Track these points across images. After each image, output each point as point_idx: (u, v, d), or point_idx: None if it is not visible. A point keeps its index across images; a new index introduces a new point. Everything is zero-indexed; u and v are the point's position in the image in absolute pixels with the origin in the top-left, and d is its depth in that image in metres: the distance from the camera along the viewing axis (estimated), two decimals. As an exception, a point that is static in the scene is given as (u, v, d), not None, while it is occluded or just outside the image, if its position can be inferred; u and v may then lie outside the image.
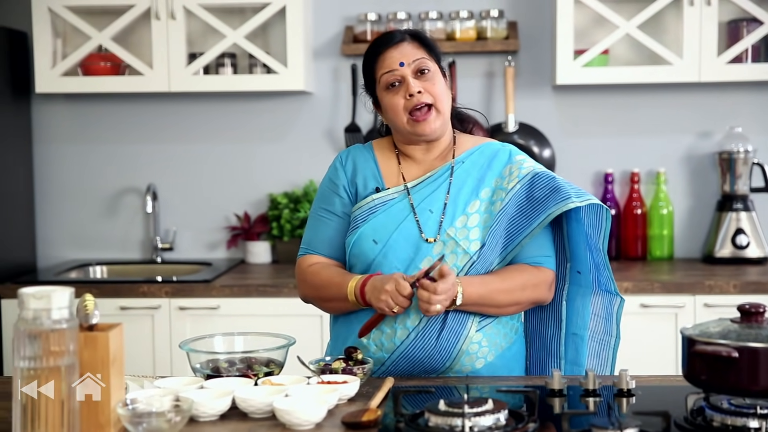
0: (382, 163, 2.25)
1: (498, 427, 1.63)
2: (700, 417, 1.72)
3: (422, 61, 2.16)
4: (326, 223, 2.24)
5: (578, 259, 2.24)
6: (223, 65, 3.93)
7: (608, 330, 2.26)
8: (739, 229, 3.82)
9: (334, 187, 2.25)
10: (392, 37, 2.19)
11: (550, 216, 2.12)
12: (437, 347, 2.12)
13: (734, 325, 1.73)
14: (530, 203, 2.15)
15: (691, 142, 4.01)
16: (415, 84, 2.14)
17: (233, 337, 2.12)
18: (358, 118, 4.01)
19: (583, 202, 2.14)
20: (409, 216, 2.16)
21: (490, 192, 2.18)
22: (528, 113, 4.00)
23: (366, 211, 2.18)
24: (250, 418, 1.77)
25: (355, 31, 3.98)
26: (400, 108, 2.16)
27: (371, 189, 2.21)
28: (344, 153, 2.29)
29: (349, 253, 2.18)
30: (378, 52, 2.18)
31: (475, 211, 2.16)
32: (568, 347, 2.26)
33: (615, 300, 2.25)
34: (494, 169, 2.21)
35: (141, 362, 3.47)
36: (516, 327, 2.24)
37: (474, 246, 2.13)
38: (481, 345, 2.15)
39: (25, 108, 4.06)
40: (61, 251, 4.15)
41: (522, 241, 2.15)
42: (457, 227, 2.14)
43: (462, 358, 2.13)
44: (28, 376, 1.53)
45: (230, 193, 4.12)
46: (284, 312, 3.47)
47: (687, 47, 3.68)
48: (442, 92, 2.18)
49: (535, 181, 2.17)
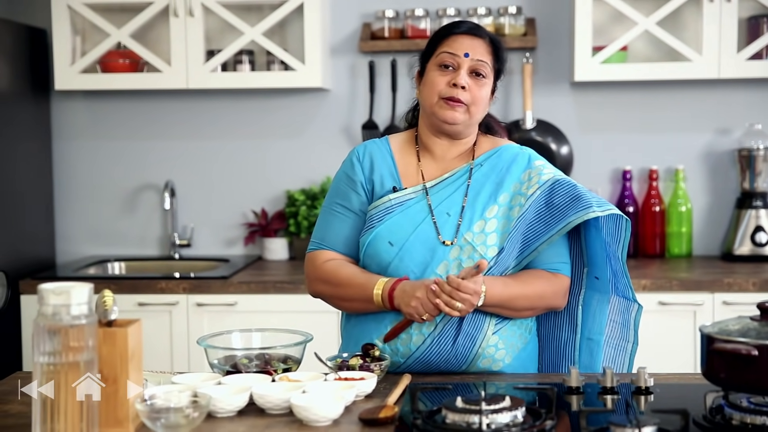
0: (399, 161, 2.22)
1: (515, 424, 1.63)
2: (719, 415, 1.71)
3: (484, 65, 2.14)
4: (342, 220, 2.21)
5: (596, 266, 2.23)
6: (241, 62, 3.94)
7: (625, 336, 2.24)
8: (758, 226, 3.80)
9: (352, 184, 2.21)
10: (472, 27, 2.17)
11: (570, 224, 2.11)
12: (453, 351, 2.11)
13: (754, 323, 1.72)
14: (549, 210, 2.14)
15: (710, 139, 3.98)
16: (465, 78, 2.13)
17: (251, 333, 2.13)
18: (376, 115, 4.01)
19: (605, 212, 2.12)
20: (427, 218, 2.14)
21: (509, 197, 2.16)
22: (546, 110, 3.99)
23: (382, 211, 2.16)
24: (267, 414, 1.78)
25: (373, 28, 3.98)
26: (439, 88, 2.14)
27: (388, 188, 2.18)
28: (360, 148, 2.25)
29: (364, 252, 2.16)
30: (452, 32, 2.17)
31: (494, 216, 2.14)
32: (582, 352, 2.24)
33: (632, 306, 2.24)
34: (513, 173, 2.19)
35: (159, 358, 3.49)
36: (530, 326, 2.23)
37: (491, 252, 2.11)
38: (498, 348, 2.14)
39: (45, 105, 4.08)
40: (79, 247, 4.17)
41: (539, 247, 2.13)
42: (474, 232, 2.13)
43: (478, 362, 2.12)
44: (47, 371, 1.54)
45: (247, 189, 4.13)
46: (301, 308, 3.47)
47: (706, 43, 3.66)
48: (482, 100, 2.16)
49: (555, 187, 2.15)
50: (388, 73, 3.99)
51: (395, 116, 3.98)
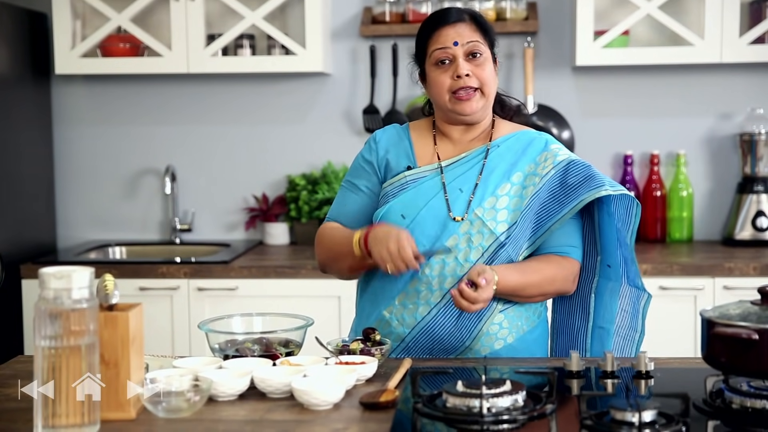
0: (416, 143, 2.25)
1: (516, 408, 1.63)
2: (719, 399, 1.71)
3: (476, 44, 2.15)
4: (350, 197, 2.27)
5: (608, 253, 2.23)
6: (242, 46, 3.93)
7: (634, 326, 2.25)
8: (759, 211, 3.80)
9: (365, 163, 2.26)
10: (450, 15, 2.17)
11: (582, 202, 2.12)
12: (458, 325, 2.13)
13: (754, 307, 1.72)
14: (563, 189, 2.15)
15: (711, 124, 3.98)
16: (464, 66, 2.13)
17: (251, 317, 2.13)
18: (377, 100, 4.00)
19: (617, 191, 2.13)
20: (439, 194, 2.17)
21: (523, 176, 2.18)
22: (547, 94, 3.98)
23: (397, 187, 2.19)
24: (268, 398, 1.78)
25: (374, 12, 3.97)
26: (445, 86, 2.15)
27: (403, 167, 2.22)
28: (380, 131, 2.30)
29: None
30: (434, 28, 2.17)
31: (505, 193, 2.16)
32: (594, 340, 2.25)
33: (642, 296, 2.24)
34: (529, 155, 2.20)
35: (160, 343, 3.49)
36: (539, 311, 2.24)
37: (501, 227, 2.13)
38: (502, 326, 2.15)
39: (45, 89, 4.08)
40: (80, 232, 4.17)
41: (552, 226, 2.14)
42: (485, 207, 2.14)
43: (482, 338, 2.14)
44: (49, 355, 1.54)
45: (248, 174, 4.13)
46: (302, 293, 3.48)
47: (708, 28, 3.65)
48: (490, 77, 2.16)
49: (570, 167, 2.17)
50: (389, 57, 3.98)
51: (396, 101, 3.98)
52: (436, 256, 2.08)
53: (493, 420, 1.60)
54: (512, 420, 1.61)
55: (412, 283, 2.15)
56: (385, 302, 2.18)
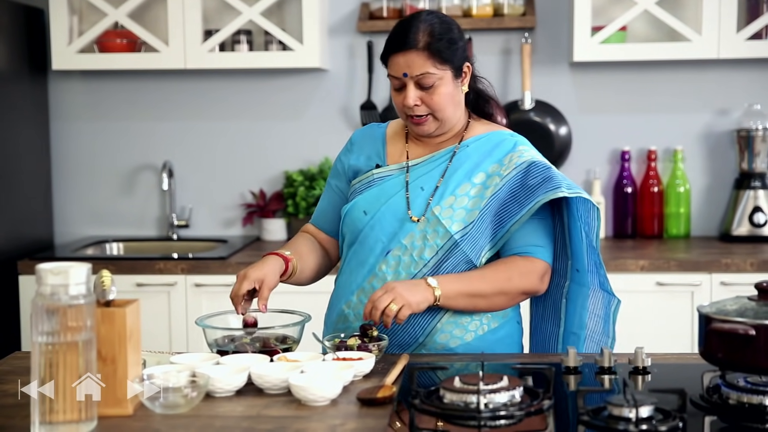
0: (389, 143, 2.28)
1: (513, 404, 1.63)
2: (716, 395, 1.72)
3: (425, 76, 2.10)
4: (326, 196, 2.36)
5: (576, 257, 2.21)
6: (239, 42, 3.92)
7: (606, 331, 2.23)
8: (756, 207, 3.80)
9: (339, 163, 2.33)
10: (402, 42, 2.11)
11: (537, 203, 2.10)
12: (411, 322, 2.13)
13: (751, 303, 1.73)
14: (523, 190, 2.14)
15: (709, 120, 3.98)
16: (413, 96, 2.11)
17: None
18: (374, 96, 4.00)
19: (573, 193, 2.12)
20: (401, 192, 2.19)
21: (485, 177, 2.17)
22: (545, 90, 3.98)
23: (364, 184, 2.23)
24: (265, 394, 1.78)
25: (371, 8, 3.96)
26: (399, 107, 2.18)
27: (373, 165, 2.26)
28: (359, 131, 2.35)
29: (342, 221, 2.25)
30: (388, 52, 2.16)
31: (465, 193, 2.15)
32: (565, 346, 2.22)
33: (612, 300, 2.23)
34: (494, 156, 2.19)
35: (157, 338, 3.49)
36: (505, 311, 2.22)
37: (456, 226, 2.12)
38: (458, 324, 2.15)
39: (42, 85, 4.07)
40: (78, 228, 4.17)
41: (512, 227, 2.13)
42: (443, 206, 2.15)
43: (436, 336, 2.14)
44: (46, 351, 1.54)
45: (246, 170, 4.12)
46: (299, 289, 3.44)
47: (706, 23, 3.65)
48: (443, 102, 2.13)
49: (531, 169, 2.15)
50: (386, 53, 3.97)
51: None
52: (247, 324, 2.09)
53: (491, 416, 1.60)
54: (509, 416, 1.61)
55: (370, 279, 2.17)
56: (345, 297, 2.22)
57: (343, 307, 2.21)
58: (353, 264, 2.21)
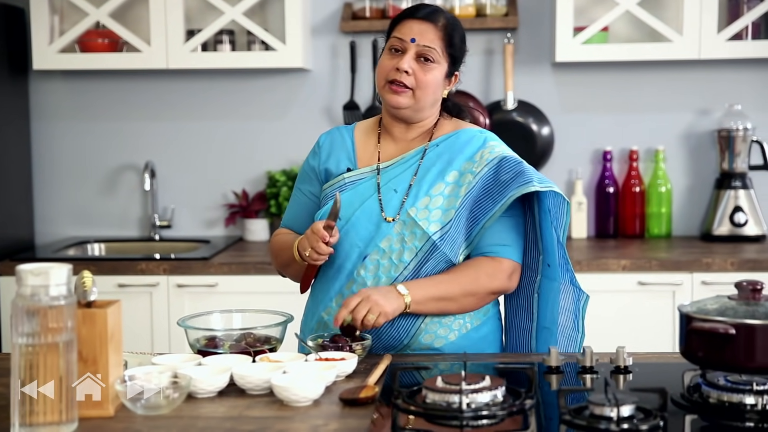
0: (359, 145, 2.26)
1: (495, 403, 1.64)
2: (697, 393, 1.72)
3: (431, 50, 2.13)
4: (298, 202, 2.32)
5: (547, 252, 2.21)
6: (222, 42, 3.91)
7: (576, 326, 2.23)
8: (737, 206, 3.82)
9: (308, 168, 2.30)
10: (424, 11, 2.15)
11: (510, 198, 2.11)
12: (395, 325, 2.12)
13: (731, 302, 1.74)
14: (496, 186, 2.14)
15: (690, 120, 4.00)
16: (408, 62, 2.12)
17: (231, 314, 2.13)
18: (357, 96, 4.00)
19: (545, 187, 2.12)
20: (374, 195, 2.17)
21: (458, 175, 2.17)
22: (527, 91, 3.99)
23: (336, 188, 2.21)
24: (248, 395, 1.78)
25: (354, 8, 3.96)
26: (386, 71, 2.15)
27: (343, 169, 2.23)
28: (325, 134, 2.32)
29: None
30: (405, 16, 2.16)
31: (439, 193, 2.15)
32: (539, 341, 2.23)
33: (582, 296, 2.23)
34: (465, 153, 2.19)
35: (139, 339, 3.48)
36: (486, 308, 2.22)
37: (434, 227, 2.12)
38: (442, 324, 2.15)
39: (23, 85, 4.05)
40: (59, 228, 4.15)
41: (485, 223, 2.14)
42: (418, 208, 2.14)
43: (420, 336, 2.14)
44: (26, 352, 1.53)
45: (228, 170, 4.11)
46: (282, 289, 3.46)
47: (687, 24, 3.66)
48: (431, 84, 2.14)
49: (502, 164, 2.15)
50: (369, 53, 3.98)
51: (376, 96, 3.97)
52: (331, 220, 2.06)
53: (473, 415, 1.61)
54: (491, 415, 1.61)
55: (348, 285, 2.15)
56: (323, 304, 2.19)
57: (323, 314, 2.19)
58: (330, 270, 2.18)
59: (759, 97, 3.95)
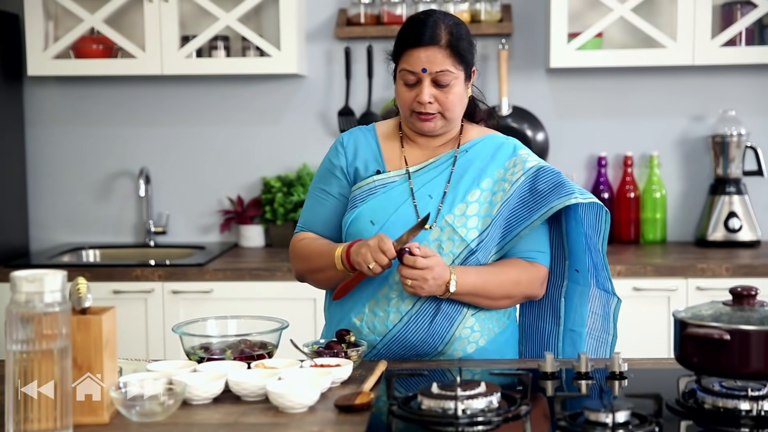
0: (384, 146, 2.23)
1: (491, 409, 1.64)
2: (692, 399, 1.73)
3: (445, 73, 2.10)
4: (322, 203, 2.24)
5: (576, 258, 2.24)
6: (216, 48, 3.91)
7: (605, 328, 2.26)
8: (731, 212, 3.83)
9: (333, 168, 2.23)
10: (425, 36, 2.09)
11: (552, 209, 2.12)
12: (430, 332, 2.12)
13: (726, 307, 1.74)
14: (533, 195, 2.15)
15: (684, 126, 4.01)
16: (428, 92, 2.10)
17: (226, 320, 2.12)
18: (352, 102, 4.00)
19: (586, 199, 2.14)
20: (408, 200, 2.15)
21: (492, 182, 2.17)
22: (522, 96, 4.00)
23: (366, 192, 2.17)
24: (243, 401, 1.78)
25: (349, 14, 3.97)
26: (408, 103, 2.13)
27: (372, 171, 2.20)
28: (346, 134, 2.27)
29: (346, 232, 2.17)
30: (408, 46, 2.11)
31: (475, 200, 2.15)
32: (565, 343, 2.26)
33: (612, 300, 2.26)
34: (498, 160, 2.20)
35: (134, 346, 3.47)
36: (509, 312, 2.25)
37: (471, 234, 2.12)
38: (474, 330, 2.15)
39: (17, 91, 4.04)
40: (53, 235, 4.14)
41: (521, 232, 2.15)
42: (455, 214, 2.14)
43: (454, 343, 2.14)
44: (20, 359, 1.53)
45: (223, 176, 4.11)
46: (277, 296, 3.47)
47: (681, 30, 3.67)
48: (455, 102, 2.13)
49: (539, 174, 2.17)
50: (364, 59, 3.98)
51: (371, 102, 3.98)
52: (413, 233, 2.04)
53: (468, 422, 1.61)
54: (487, 422, 1.61)
55: (382, 291, 2.13)
56: (355, 309, 2.16)
57: (354, 319, 2.15)
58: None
59: (753, 102, 3.96)
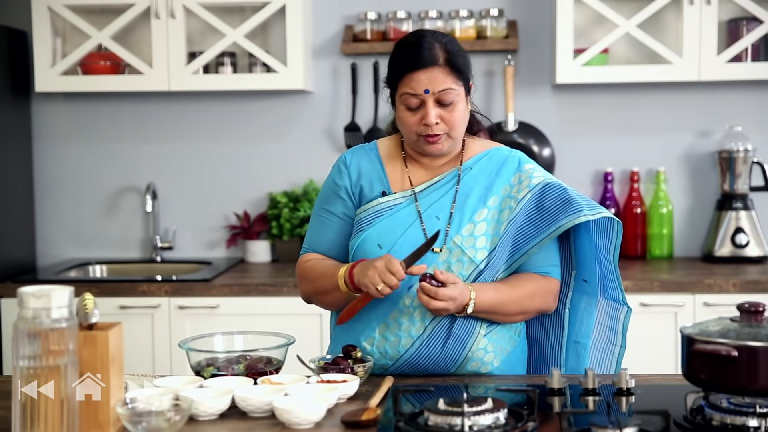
0: (387, 165, 2.21)
1: (497, 426, 1.63)
2: (700, 416, 1.72)
3: (448, 92, 2.08)
4: (327, 224, 2.22)
5: (585, 268, 2.23)
6: (223, 64, 3.93)
7: (612, 339, 2.24)
8: (738, 228, 3.82)
9: (337, 189, 2.21)
10: (423, 58, 2.07)
11: (561, 228, 2.11)
12: (442, 355, 2.10)
13: (734, 324, 1.73)
14: (540, 213, 2.13)
15: (690, 141, 4.00)
16: (434, 114, 2.08)
17: (233, 336, 2.12)
18: (358, 117, 4.01)
19: (596, 215, 2.12)
20: (416, 222, 2.13)
21: (498, 200, 2.16)
22: (528, 112, 4.00)
23: (372, 215, 2.15)
24: (249, 417, 1.77)
25: (355, 30, 3.98)
26: (413, 127, 2.11)
27: (377, 192, 2.18)
28: (348, 154, 2.24)
29: (353, 256, 2.15)
30: (407, 69, 2.08)
31: (483, 219, 2.14)
32: (569, 355, 2.24)
33: (621, 309, 2.24)
34: (503, 176, 2.18)
35: (140, 361, 3.47)
36: (519, 329, 2.23)
37: (480, 255, 2.11)
38: (487, 351, 2.13)
39: (25, 107, 4.06)
40: (60, 250, 4.15)
41: (530, 250, 2.13)
42: (463, 235, 2.12)
43: (467, 365, 2.12)
44: (27, 375, 1.53)
45: (230, 192, 4.12)
46: (284, 311, 3.47)
47: (687, 46, 3.68)
48: (459, 119, 2.11)
49: (546, 191, 2.15)
50: (370, 75, 3.99)
51: (378, 118, 3.98)
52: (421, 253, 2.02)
53: (475, 438, 1.60)
54: (494, 438, 1.61)
55: (392, 314, 2.11)
56: (365, 334, 2.14)
57: (365, 344, 2.13)
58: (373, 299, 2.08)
59: (759, 118, 3.96)
